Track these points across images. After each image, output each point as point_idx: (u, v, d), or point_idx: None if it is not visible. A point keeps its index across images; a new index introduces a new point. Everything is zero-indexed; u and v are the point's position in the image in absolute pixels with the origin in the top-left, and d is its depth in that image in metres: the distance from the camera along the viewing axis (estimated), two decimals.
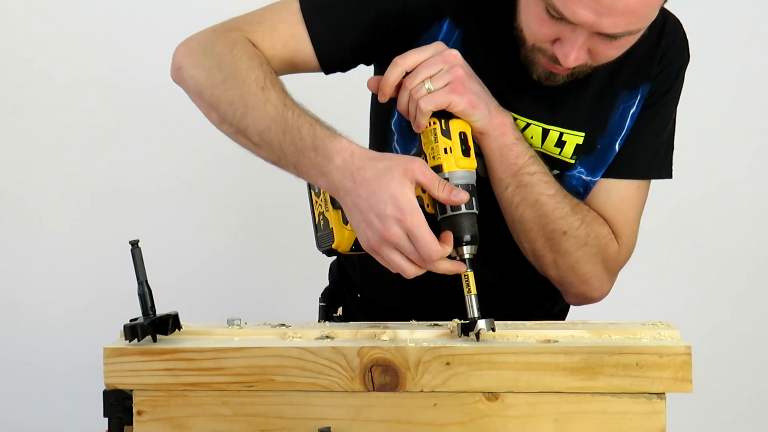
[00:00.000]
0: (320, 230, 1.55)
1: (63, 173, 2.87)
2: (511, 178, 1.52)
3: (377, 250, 1.37)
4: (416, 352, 1.29)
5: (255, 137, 1.44)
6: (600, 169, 1.60)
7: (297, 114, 1.42)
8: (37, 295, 2.89)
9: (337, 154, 1.38)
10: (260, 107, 1.43)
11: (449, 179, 1.40)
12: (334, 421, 1.31)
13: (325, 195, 1.52)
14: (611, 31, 1.39)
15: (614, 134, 1.59)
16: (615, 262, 1.62)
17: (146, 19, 2.85)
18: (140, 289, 1.40)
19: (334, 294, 1.86)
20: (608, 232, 1.60)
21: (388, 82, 1.45)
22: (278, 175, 1.47)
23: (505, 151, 1.50)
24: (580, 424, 1.28)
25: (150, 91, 2.84)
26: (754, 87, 2.80)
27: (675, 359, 1.27)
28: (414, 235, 1.34)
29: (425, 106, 1.42)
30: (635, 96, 1.59)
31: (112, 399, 1.34)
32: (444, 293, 1.49)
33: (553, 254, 1.57)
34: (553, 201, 1.53)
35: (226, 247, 2.92)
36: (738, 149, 2.83)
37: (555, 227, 1.55)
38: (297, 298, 2.73)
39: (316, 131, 1.40)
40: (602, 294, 1.64)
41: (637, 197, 1.63)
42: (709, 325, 2.84)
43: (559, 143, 1.57)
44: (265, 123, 1.42)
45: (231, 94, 1.46)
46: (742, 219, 2.90)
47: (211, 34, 1.54)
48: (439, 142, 1.43)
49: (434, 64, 1.44)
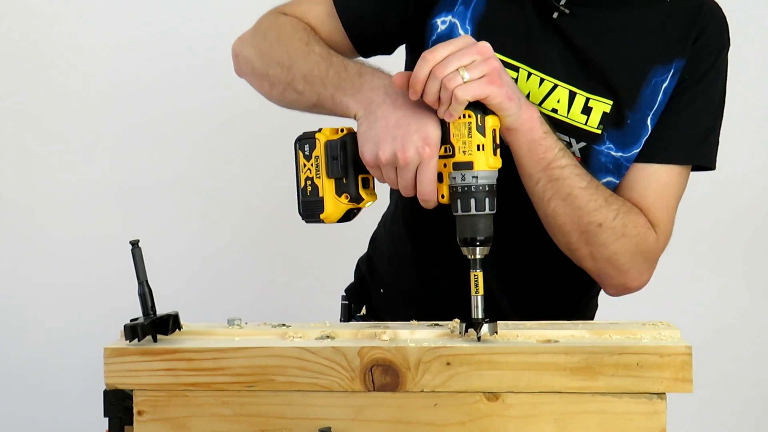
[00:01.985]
0: (306, 196, 1.48)
1: (63, 173, 2.87)
2: (541, 173, 1.49)
3: (381, 165, 1.42)
4: (416, 352, 1.29)
5: (300, 84, 1.53)
6: (630, 146, 1.57)
7: (342, 58, 1.52)
8: (37, 295, 2.89)
9: (382, 78, 1.47)
10: (305, 56, 1.54)
11: (478, 178, 1.38)
12: (335, 421, 1.31)
13: (317, 160, 1.47)
14: None
15: (646, 108, 1.56)
16: (654, 251, 1.59)
17: (147, 19, 2.85)
18: (140, 289, 1.40)
19: (359, 291, 1.85)
20: (645, 221, 1.57)
21: (419, 78, 1.40)
22: (278, 175, 1.47)
23: (534, 146, 1.47)
24: (581, 424, 1.28)
25: (150, 91, 2.85)
26: (754, 87, 2.80)
27: (675, 359, 1.27)
28: (423, 168, 1.40)
29: (462, 95, 1.37)
30: (668, 70, 1.56)
31: (112, 399, 1.34)
32: (465, 273, 1.45)
33: (589, 247, 1.55)
34: (586, 193, 1.51)
35: (226, 247, 2.92)
36: (738, 148, 2.83)
37: (590, 219, 1.52)
38: (298, 298, 2.74)
39: (364, 66, 1.50)
40: (642, 284, 1.61)
41: (678, 184, 1.60)
42: (709, 325, 2.84)
43: (585, 110, 1.55)
44: (309, 66, 1.52)
45: (278, 55, 1.57)
46: (742, 219, 2.91)
47: (257, 21, 1.66)
48: (472, 138, 1.38)
49: (467, 54, 1.40)
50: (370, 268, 1.85)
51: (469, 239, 1.38)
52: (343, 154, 1.45)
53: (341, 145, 1.45)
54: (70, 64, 2.85)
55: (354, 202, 1.47)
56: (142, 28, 2.85)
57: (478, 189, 1.38)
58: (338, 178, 1.46)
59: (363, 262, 1.89)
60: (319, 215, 1.48)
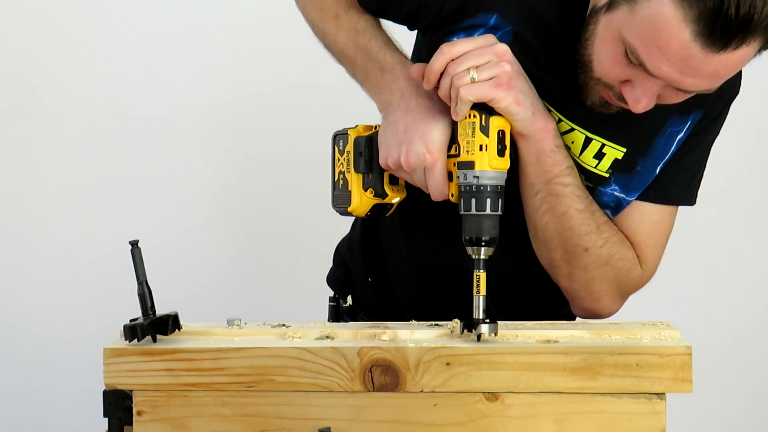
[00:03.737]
0: (338, 189, 1.54)
1: (63, 173, 2.87)
2: (543, 185, 1.49)
3: (394, 168, 1.47)
4: (416, 353, 1.29)
5: (335, 55, 1.58)
6: (635, 190, 1.56)
7: (368, 38, 1.52)
8: (36, 295, 2.88)
9: (403, 79, 1.48)
10: (334, 32, 1.56)
11: (479, 178, 1.38)
12: (334, 422, 1.31)
13: (348, 155, 1.51)
14: (691, 89, 1.36)
15: (658, 158, 1.55)
16: (633, 286, 1.60)
17: (147, 19, 2.85)
18: (140, 289, 1.40)
19: (342, 280, 1.82)
20: (633, 256, 1.57)
21: (433, 70, 1.42)
22: (278, 174, 1.48)
23: (542, 157, 1.46)
24: (580, 424, 1.28)
25: (150, 91, 2.84)
26: (754, 87, 2.80)
27: (675, 359, 1.27)
28: (429, 172, 1.43)
29: (465, 95, 1.38)
30: (686, 122, 1.54)
31: (112, 399, 1.34)
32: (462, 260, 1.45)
33: (569, 267, 1.55)
34: (581, 216, 1.51)
35: (226, 247, 2.92)
36: (737, 149, 2.83)
37: (577, 242, 1.52)
38: (297, 298, 2.74)
39: (386, 56, 1.50)
40: (610, 313, 1.61)
41: (669, 222, 1.60)
42: (709, 325, 2.84)
43: (598, 155, 1.53)
44: (339, 46, 1.56)
45: (312, 18, 1.61)
46: (742, 219, 2.90)
47: None
48: (475, 138, 1.39)
49: (482, 54, 1.39)
50: (352, 254, 1.80)
51: (474, 239, 1.38)
52: (368, 151, 1.50)
53: (367, 141, 1.51)
54: (70, 64, 2.84)
55: (379, 197, 1.52)
56: (143, 28, 2.84)
57: (480, 189, 1.38)
58: (364, 173, 1.51)
59: (344, 246, 1.84)
60: (346, 208, 1.53)
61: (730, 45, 1.28)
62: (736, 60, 1.30)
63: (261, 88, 2.83)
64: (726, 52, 1.28)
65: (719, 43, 1.28)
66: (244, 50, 2.82)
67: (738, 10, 1.24)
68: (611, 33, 1.36)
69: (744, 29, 1.26)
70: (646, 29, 1.31)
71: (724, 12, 1.25)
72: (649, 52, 1.32)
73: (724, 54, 1.29)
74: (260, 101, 2.85)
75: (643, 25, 1.31)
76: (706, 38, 1.27)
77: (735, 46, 1.28)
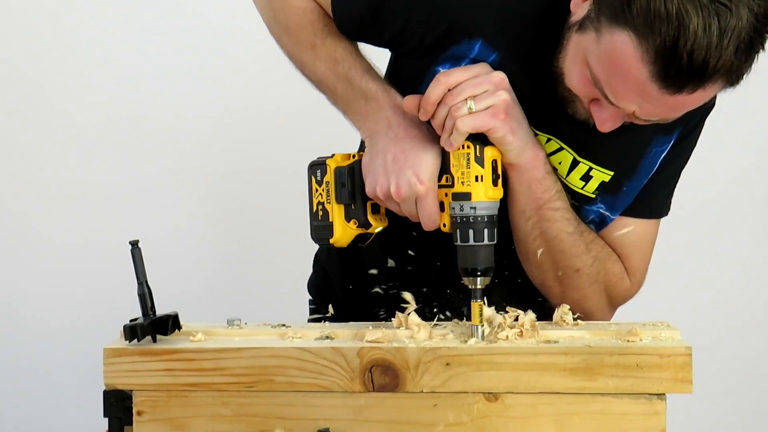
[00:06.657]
0: (317, 220, 1.51)
1: (63, 173, 2.87)
2: (533, 211, 1.49)
3: (383, 198, 1.45)
4: (416, 353, 1.29)
5: (315, 85, 1.55)
6: (620, 208, 1.57)
7: (348, 66, 1.50)
8: (37, 295, 2.89)
9: (389, 107, 1.46)
10: (311, 63, 1.54)
11: (476, 209, 1.38)
12: (334, 422, 1.31)
13: (328, 186, 1.49)
14: (652, 119, 1.36)
15: (643, 177, 1.55)
16: (623, 298, 1.61)
17: (149, 22, 2.85)
18: (140, 290, 1.40)
19: (321, 288, 1.81)
20: (621, 269, 1.58)
21: (429, 101, 1.40)
22: (278, 175, 1.48)
23: (533, 185, 1.46)
24: (580, 424, 1.28)
25: (150, 92, 2.85)
26: (753, 87, 2.80)
27: (675, 360, 1.27)
28: (420, 202, 1.42)
29: (463, 127, 1.37)
30: (669, 141, 1.54)
31: (112, 399, 1.34)
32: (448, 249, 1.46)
33: (561, 288, 1.55)
34: (571, 238, 1.51)
35: (226, 247, 2.92)
36: (737, 149, 2.83)
37: (569, 264, 1.52)
38: (297, 299, 2.73)
39: (369, 84, 1.48)
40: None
41: (653, 233, 1.61)
42: (709, 325, 2.84)
43: (585, 177, 1.53)
44: (317, 77, 1.54)
45: (288, 49, 1.57)
46: (742, 219, 2.90)
47: None
48: (471, 169, 1.38)
49: (480, 84, 1.39)
50: (330, 263, 1.79)
51: (470, 269, 1.38)
52: (351, 181, 1.47)
53: (349, 171, 1.47)
54: (71, 65, 2.84)
55: (362, 227, 1.49)
56: (145, 31, 2.84)
57: (477, 220, 1.38)
58: (347, 204, 1.48)
59: (323, 253, 1.82)
60: (328, 239, 1.50)
61: (684, 90, 1.27)
62: (695, 99, 1.30)
63: (261, 88, 2.83)
64: (681, 95, 1.28)
65: (674, 87, 1.27)
66: (245, 54, 2.82)
67: (691, 58, 1.23)
68: (580, 54, 1.36)
69: (699, 76, 1.25)
70: (608, 61, 1.31)
71: (677, 60, 1.24)
72: (609, 84, 1.33)
73: (679, 96, 1.28)
74: (260, 101, 2.85)
75: (606, 56, 1.31)
76: (662, 81, 1.27)
77: (690, 90, 1.27)
